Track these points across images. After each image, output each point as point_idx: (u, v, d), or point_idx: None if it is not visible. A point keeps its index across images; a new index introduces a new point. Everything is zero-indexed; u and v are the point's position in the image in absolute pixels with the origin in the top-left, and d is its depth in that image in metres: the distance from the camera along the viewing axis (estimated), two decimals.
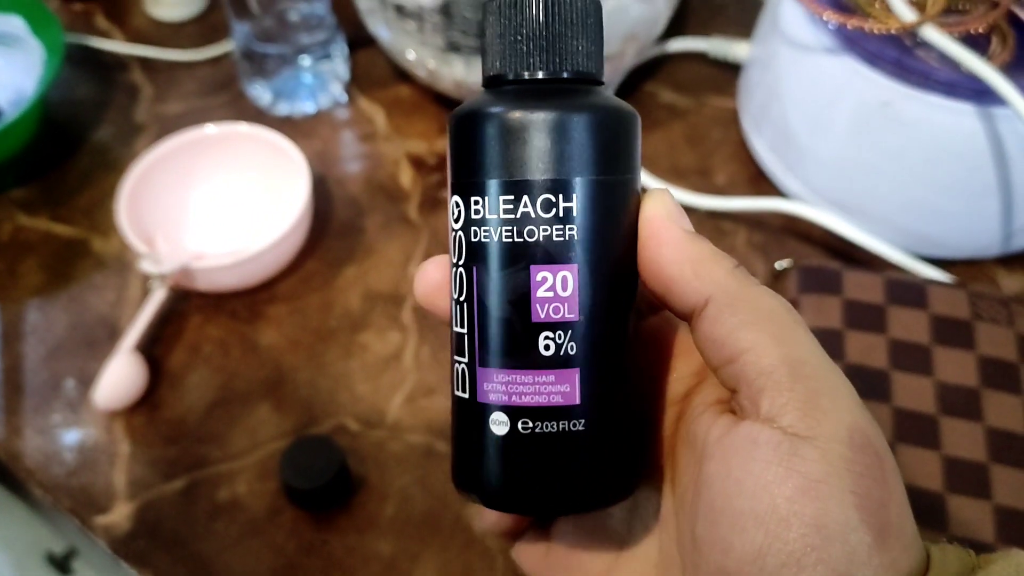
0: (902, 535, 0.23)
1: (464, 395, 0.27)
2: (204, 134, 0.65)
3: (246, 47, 0.72)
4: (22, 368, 0.60)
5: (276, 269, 0.63)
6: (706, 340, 0.25)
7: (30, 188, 0.71)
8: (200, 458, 0.56)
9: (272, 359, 0.60)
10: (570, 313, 0.26)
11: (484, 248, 0.26)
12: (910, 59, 0.55)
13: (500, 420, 0.26)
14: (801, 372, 0.24)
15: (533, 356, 0.26)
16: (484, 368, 0.26)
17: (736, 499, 0.24)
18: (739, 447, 0.24)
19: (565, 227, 0.26)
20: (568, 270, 0.26)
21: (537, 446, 0.26)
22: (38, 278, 0.65)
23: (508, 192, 0.26)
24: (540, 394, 0.26)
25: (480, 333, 0.26)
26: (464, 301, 0.27)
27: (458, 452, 0.28)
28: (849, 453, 0.23)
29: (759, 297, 0.25)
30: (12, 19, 0.73)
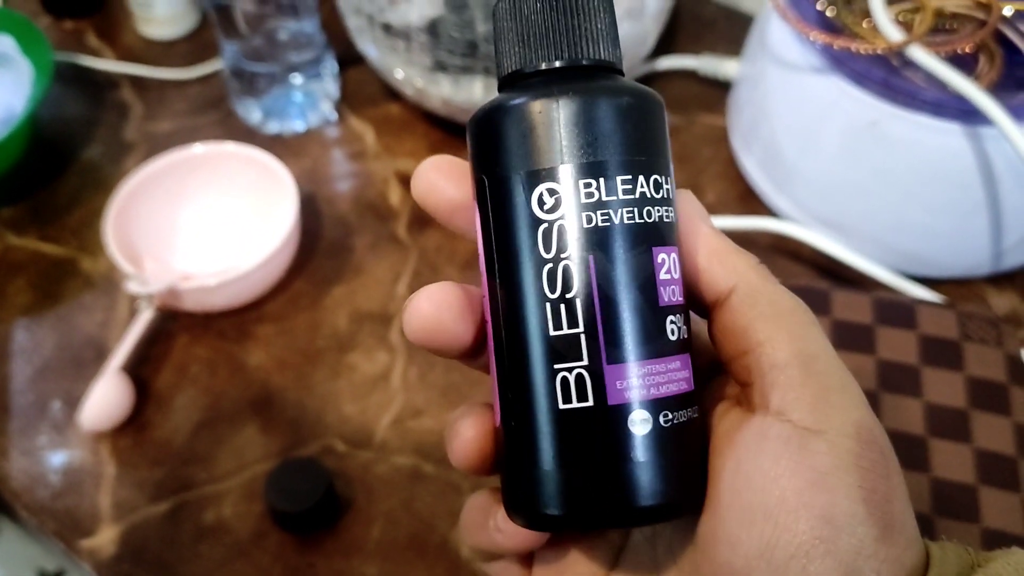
0: (905, 530, 0.24)
1: (584, 404, 0.24)
2: (192, 153, 0.65)
3: (235, 66, 0.72)
4: (8, 389, 0.60)
5: (264, 289, 0.63)
6: (725, 330, 0.26)
7: (19, 207, 0.71)
8: (186, 480, 0.56)
9: (259, 379, 0.60)
10: (680, 296, 0.25)
11: (604, 232, 0.24)
12: (897, 79, 0.55)
13: (642, 418, 0.24)
14: (813, 368, 0.24)
15: (663, 343, 0.25)
16: (616, 365, 0.24)
17: (745, 493, 0.24)
18: (749, 442, 0.24)
19: (669, 208, 0.25)
20: (675, 251, 0.26)
21: (675, 439, 0.25)
22: (26, 298, 0.65)
23: (628, 172, 0.25)
24: (673, 382, 0.25)
25: (606, 327, 0.24)
26: (575, 297, 0.24)
27: (544, 475, 0.25)
28: (857, 448, 0.23)
29: (778, 294, 0.25)
30: (2, 38, 0.73)
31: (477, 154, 0.26)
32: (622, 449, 0.24)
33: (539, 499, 0.25)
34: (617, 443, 0.24)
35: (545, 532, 0.28)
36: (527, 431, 0.25)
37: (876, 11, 0.55)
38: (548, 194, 0.25)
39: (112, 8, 0.86)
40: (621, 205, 0.25)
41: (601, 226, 0.24)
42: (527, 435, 0.25)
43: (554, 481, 0.25)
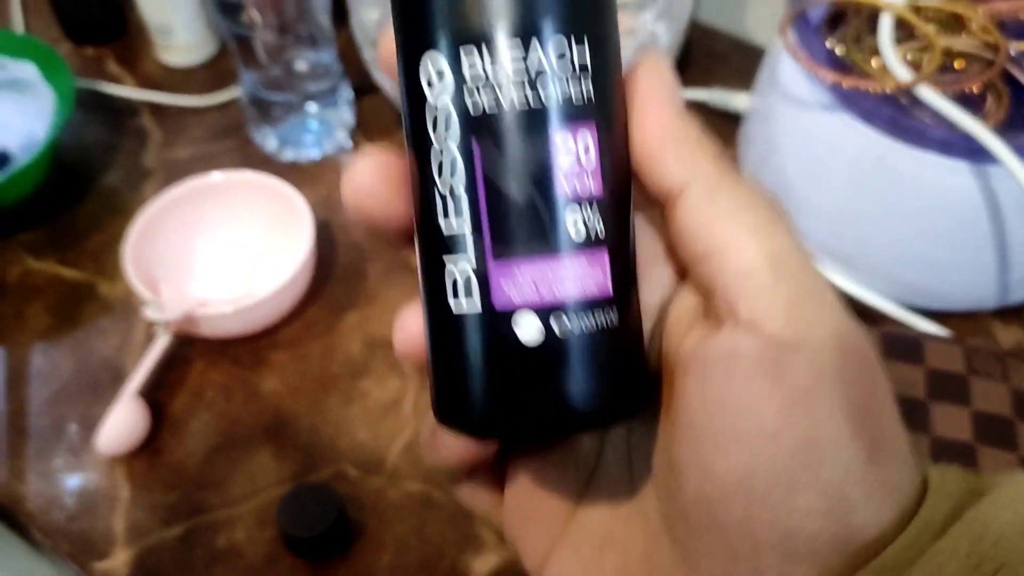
0: (895, 450, 0.22)
1: (468, 304, 0.22)
2: (210, 181, 0.66)
3: (253, 94, 0.73)
4: (26, 411, 0.61)
5: (279, 315, 0.64)
6: (680, 231, 0.23)
7: (38, 231, 0.72)
8: (199, 504, 0.56)
9: (273, 405, 0.61)
10: (595, 186, 0.22)
11: (489, 116, 0.22)
12: (905, 117, 0.56)
13: (529, 323, 0.22)
14: (784, 271, 0.21)
15: (562, 240, 0.22)
16: (501, 263, 0.22)
17: (717, 418, 0.21)
18: (717, 360, 0.21)
19: (582, 81, 0.22)
20: (589, 133, 0.22)
21: (576, 347, 0.22)
22: (44, 322, 0.66)
23: (516, 38, 0.21)
24: (574, 285, 0.22)
25: (492, 223, 0.22)
26: (462, 188, 0.22)
27: (454, 380, 0.23)
28: (839, 359, 0.21)
29: (741, 188, 0.22)
30: (25, 65, 0.74)
31: (392, 11, 0.24)
32: (508, 355, 0.22)
33: (445, 404, 0.24)
34: (503, 348, 0.22)
35: (463, 437, 0.25)
36: (432, 330, 0.24)
37: (885, 51, 0.56)
38: (433, 68, 0.22)
39: (132, 35, 0.88)
40: (510, 81, 0.21)
41: (487, 108, 0.22)
42: (432, 335, 0.24)
43: (454, 386, 0.23)
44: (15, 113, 0.75)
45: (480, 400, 0.23)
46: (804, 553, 0.21)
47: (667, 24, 0.66)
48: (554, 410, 0.22)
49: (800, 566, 0.21)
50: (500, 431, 0.24)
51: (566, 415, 0.22)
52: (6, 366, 0.64)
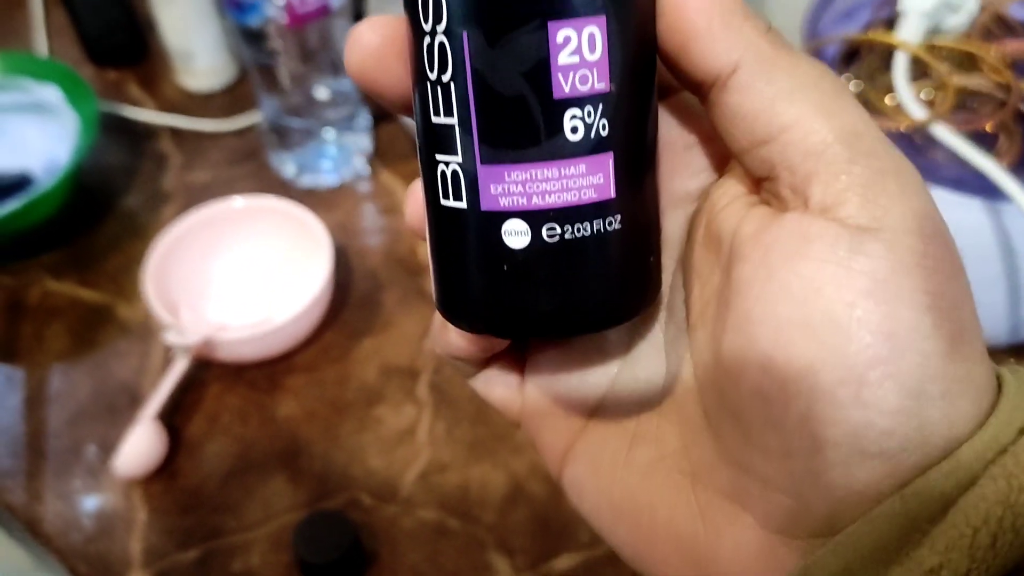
0: (976, 343, 0.20)
1: (458, 204, 0.21)
2: (231, 207, 0.67)
3: (273, 120, 0.74)
4: (45, 433, 0.62)
5: (296, 341, 0.64)
6: (734, 116, 0.21)
7: (59, 253, 0.73)
8: (215, 528, 0.57)
9: (289, 430, 0.61)
10: (600, 82, 0.20)
11: (480, 4, 0.20)
12: (919, 156, 0.56)
13: (517, 230, 0.21)
14: (859, 148, 0.20)
15: (557, 143, 0.20)
16: (490, 166, 0.21)
17: (780, 305, 0.20)
18: (784, 244, 0.20)
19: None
20: (596, 25, 0.20)
21: (566, 255, 0.21)
22: (63, 343, 0.67)
23: None
24: (568, 190, 0.20)
25: (481, 120, 0.20)
26: (451, 81, 0.20)
27: (450, 275, 0.23)
28: (920, 245, 0.19)
29: (800, 63, 0.20)
30: (49, 89, 0.75)
31: None
32: (492, 259, 0.21)
33: (445, 297, 0.23)
34: (492, 252, 0.21)
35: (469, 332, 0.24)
36: (430, 223, 0.23)
37: (900, 89, 0.57)
38: None
39: (154, 59, 0.89)
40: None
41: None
42: (431, 227, 0.23)
43: (451, 281, 0.23)
44: (38, 135, 0.76)
45: (475, 298, 0.22)
46: (873, 452, 0.19)
47: None
48: (548, 312, 0.22)
49: (867, 464, 0.19)
50: (496, 329, 0.23)
51: (561, 317, 0.22)
52: (25, 387, 0.64)
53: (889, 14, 0.64)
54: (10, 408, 0.63)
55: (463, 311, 0.23)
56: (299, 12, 0.65)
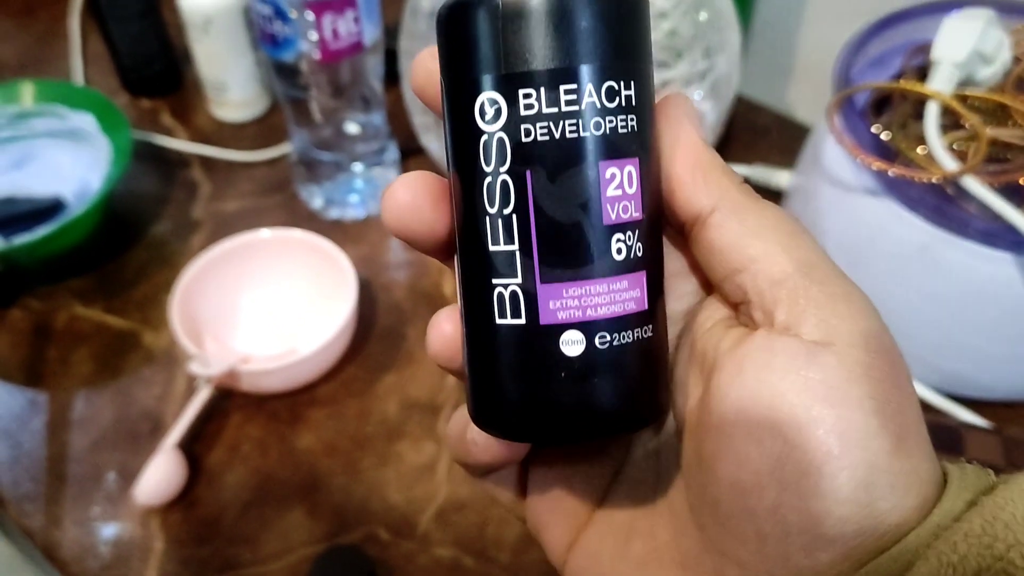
0: (918, 444, 0.23)
1: (515, 321, 0.24)
2: (259, 238, 0.68)
3: (303, 153, 0.75)
4: (66, 457, 0.62)
5: (319, 373, 0.64)
6: (711, 249, 0.25)
7: (87, 278, 0.73)
8: (232, 559, 0.57)
9: (308, 463, 0.61)
10: (636, 212, 0.24)
11: (542, 147, 0.23)
12: (950, 207, 0.56)
13: (574, 339, 0.23)
14: (814, 277, 0.23)
15: (606, 262, 0.24)
16: (549, 284, 0.23)
17: (752, 410, 0.23)
18: (754, 357, 0.23)
19: (628, 117, 0.24)
20: (632, 165, 0.24)
21: (615, 361, 0.24)
22: (88, 368, 0.67)
23: (571, 81, 0.23)
24: (615, 303, 0.24)
25: (540, 246, 0.23)
26: (512, 213, 0.24)
27: (497, 388, 0.25)
28: (867, 358, 0.22)
29: (765, 208, 0.24)
30: (84, 116, 0.77)
31: (439, 51, 0.25)
32: (554, 368, 0.24)
33: (486, 410, 0.25)
34: (550, 361, 0.24)
35: (501, 440, 0.27)
36: (473, 341, 0.25)
37: (931, 140, 0.57)
38: (489, 104, 0.24)
39: (188, 89, 0.90)
40: (563, 117, 0.23)
41: (540, 140, 0.23)
42: (474, 345, 0.25)
43: (496, 394, 0.25)
44: (71, 162, 0.77)
45: (521, 407, 0.24)
46: (831, 537, 0.22)
47: (713, 103, 0.67)
48: (592, 416, 0.24)
49: (827, 549, 0.22)
50: (539, 435, 0.25)
51: (603, 420, 0.24)
52: (49, 410, 0.65)
53: (921, 63, 0.64)
54: (33, 431, 0.63)
55: (509, 421, 0.25)
56: (332, 48, 0.65)
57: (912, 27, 0.66)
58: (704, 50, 0.65)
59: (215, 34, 0.79)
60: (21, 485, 0.61)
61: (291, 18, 0.63)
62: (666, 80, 0.65)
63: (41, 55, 0.97)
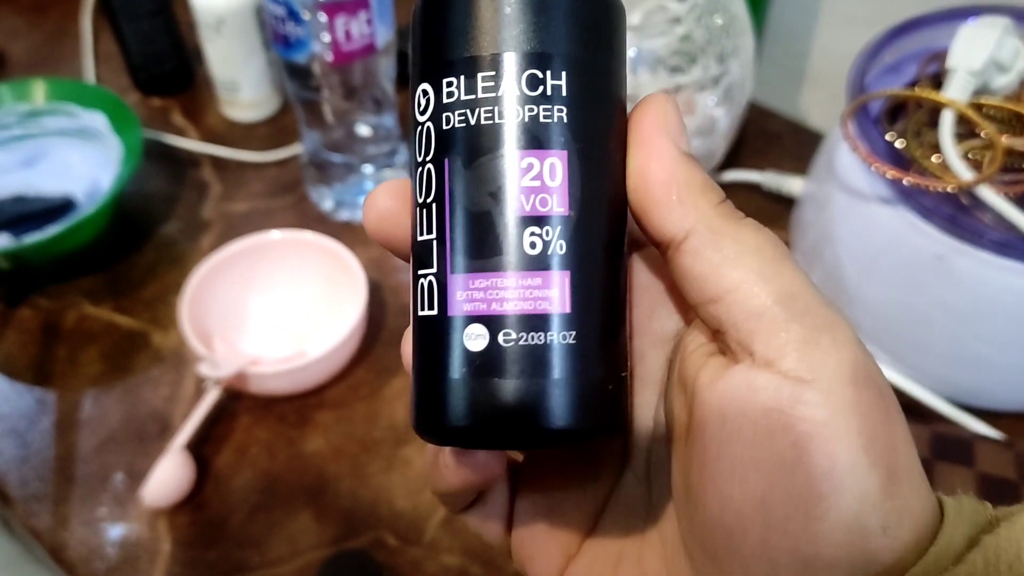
0: (911, 477, 0.22)
1: (431, 312, 0.23)
2: (269, 239, 0.67)
3: (314, 155, 0.75)
4: (74, 458, 0.62)
5: (327, 376, 0.64)
6: (686, 276, 0.23)
7: (96, 277, 0.73)
8: (239, 562, 0.57)
9: (316, 466, 0.61)
10: (559, 207, 0.23)
11: (459, 134, 0.23)
12: (965, 216, 0.56)
13: (477, 333, 0.22)
14: (795, 309, 0.22)
15: (516, 256, 0.22)
16: (456, 275, 0.23)
17: (735, 447, 0.22)
18: (735, 394, 0.22)
19: (553, 107, 0.23)
20: (557, 157, 0.23)
21: (521, 361, 0.22)
22: (97, 368, 0.67)
23: (489, 68, 0.23)
24: (525, 300, 0.22)
25: (452, 235, 0.23)
26: (432, 202, 0.23)
27: (421, 386, 0.24)
28: (853, 393, 0.21)
29: (744, 232, 0.23)
30: (95, 115, 0.76)
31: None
32: (456, 364, 0.23)
33: (417, 412, 0.24)
34: (456, 356, 0.23)
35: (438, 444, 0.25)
36: (414, 340, 0.25)
37: (947, 149, 0.56)
38: (422, 95, 0.24)
39: (199, 88, 0.90)
40: (479, 104, 0.23)
41: (458, 127, 0.23)
42: (414, 344, 0.25)
43: (423, 395, 0.24)
44: (82, 160, 0.77)
45: (442, 406, 0.23)
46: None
47: (726, 108, 0.67)
48: (503, 418, 0.23)
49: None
50: (461, 437, 0.24)
51: (516, 425, 0.23)
52: (57, 410, 0.65)
53: (936, 70, 0.64)
54: (41, 431, 0.63)
55: (432, 422, 0.24)
56: (344, 50, 0.65)
57: (927, 35, 0.65)
58: (718, 55, 0.65)
59: (227, 34, 0.79)
60: (29, 485, 0.60)
61: (304, 19, 0.63)
62: (679, 84, 0.65)
63: (52, 53, 0.97)
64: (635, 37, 0.64)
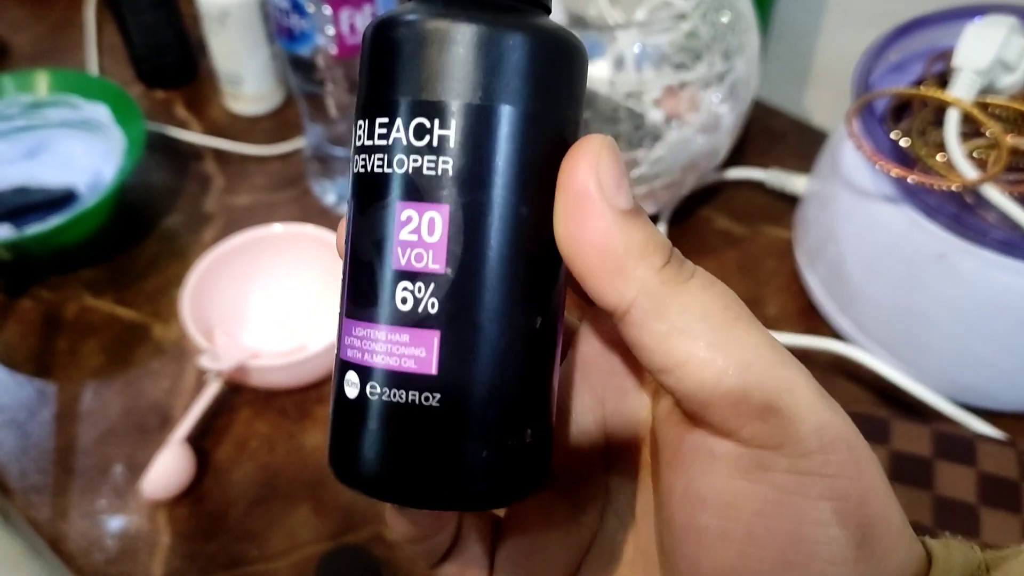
0: (887, 530, 0.21)
1: (335, 353, 0.24)
2: (271, 232, 0.67)
3: (317, 148, 0.75)
4: (73, 449, 0.62)
5: (328, 370, 0.64)
6: (635, 346, 0.22)
7: (98, 269, 0.73)
8: (238, 556, 0.56)
9: (316, 460, 0.61)
10: (435, 263, 0.22)
11: (358, 179, 0.23)
12: (969, 215, 0.55)
13: (352, 380, 0.22)
14: (751, 377, 0.20)
15: (388, 309, 0.22)
16: (347, 319, 0.23)
17: (700, 515, 0.21)
18: (697, 459, 0.21)
19: (438, 159, 0.21)
20: (437, 211, 0.21)
21: (385, 417, 0.22)
22: (97, 360, 0.67)
23: (383, 114, 0.22)
24: (391, 355, 0.22)
25: (347, 278, 0.23)
26: (346, 242, 0.24)
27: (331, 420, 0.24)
28: (820, 456, 0.20)
29: (689, 297, 0.21)
30: (98, 107, 0.76)
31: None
32: (340, 408, 0.23)
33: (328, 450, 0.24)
34: (339, 400, 0.23)
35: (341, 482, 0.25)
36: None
37: (951, 148, 0.56)
38: (354, 141, 0.24)
39: (202, 81, 0.90)
40: (374, 151, 0.22)
41: (358, 171, 0.23)
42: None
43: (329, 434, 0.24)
44: (84, 152, 0.77)
45: (332, 446, 0.24)
46: None
47: (731, 105, 0.67)
48: (372, 469, 0.22)
49: None
50: (348, 482, 0.24)
51: (384, 479, 0.22)
52: (57, 402, 0.65)
53: (942, 69, 0.64)
54: (41, 423, 0.63)
55: (333, 461, 0.24)
56: (349, 43, 0.65)
57: (933, 33, 0.65)
58: (723, 52, 0.65)
59: (232, 27, 0.79)
60: (28, 476, 0.60)
61: (308, 12, 0.63)
62: (684, 81, 0.65)
63: (55, 44, 0.97)
64: (640, 33, 0.64)
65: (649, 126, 0.65)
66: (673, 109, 0.65)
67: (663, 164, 0.66)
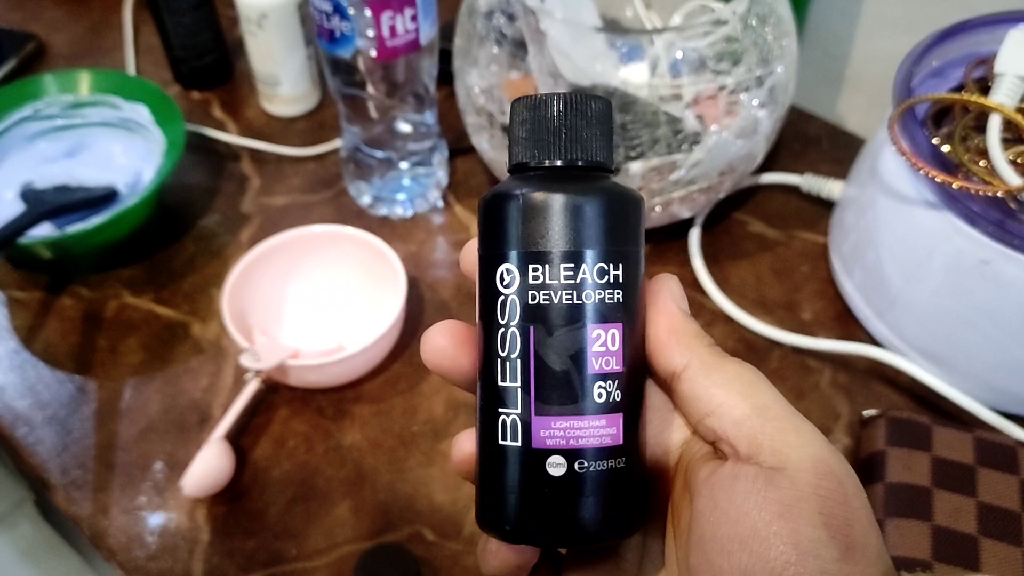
0: (867, 551, 0.26)
1: (513, 443, 0.29)
2: (311, 232, 0.68)
3: (354, 150, 0.75)
4: (114, 446, 0.62)
5: (366, 370, 0.65)
6: (685, 398, 0.30)
7: (137, 268, 0.74)
8: (277, 554, 0.57)
9: (353, 459, 0.61)
10: (617, 365, 0.29)
11: (544, 310, 0.29)
12: (1012, 221, 0.55)
13: (558, 463, 0.29)
14: (768, 416, 0.28)
15: (589, 404, 0.29)
16: (541, 417, 0.29)
17: (722, 526, 0.27)
18: (723, 483, 0.28)
19: (615, 291, 0.29)
20: (616, 328, 0.29)
21: (591, 483, 0.29)
22: (137, 358, 0.68)
23: (569, 261, 0.29)
24: (594, 437, 0.29)
25: (538, 385, 0.29)
26: (518, 358, 0.29)
27: (495, 495, 0.30)
28: (814, 480, 0.26)
29: (728, 364, 0.30)
30: (139, 108, 0.77)
31: (479, 230, 0.31)
32: (541, 484, 0.29)
33: (487, 514, 0.30)
34: (538, 478, 0.29)
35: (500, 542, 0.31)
36: (483, 456, 0.30)
37: (994, 154, 0.56)
38: (507, 273, 0.29)
39: (238, 82, 0.91)
40: (562, 288, 0.29)
41: (543, 303, 0.29)
42: (483, 459, 0.30)
43: (495, 502, 0.30)
44: (124, 152, 0.78)
45: (514, 514, 0.29)
46: None
47: (769, 109, 0.67)
48: (570, 526, 0.29)
49: None
50: (528, 539, 0.30)
51: (579, 531, 0.29)
52: (97, 399, 0.65)
53: (983, 75, 0.63)
54: (82, 419, 0.64)
55: (506, 524, 0.30)
56: (389, 46, 0.65)
57: (974, 39, 0.65)
58: (763, 56, 0.65)
59: (269, 28, 0.79)
60: (69, 472, 0.61)
61: (349, 14, 0.63)
62: (722, 85, 0.65)
63: (93, 45, 0.97)
64: (675, 37, 0.64)
65: (688, 130, 0.65)
66: (711, 113, 0.65)
67: (701, 168, 0.66)
